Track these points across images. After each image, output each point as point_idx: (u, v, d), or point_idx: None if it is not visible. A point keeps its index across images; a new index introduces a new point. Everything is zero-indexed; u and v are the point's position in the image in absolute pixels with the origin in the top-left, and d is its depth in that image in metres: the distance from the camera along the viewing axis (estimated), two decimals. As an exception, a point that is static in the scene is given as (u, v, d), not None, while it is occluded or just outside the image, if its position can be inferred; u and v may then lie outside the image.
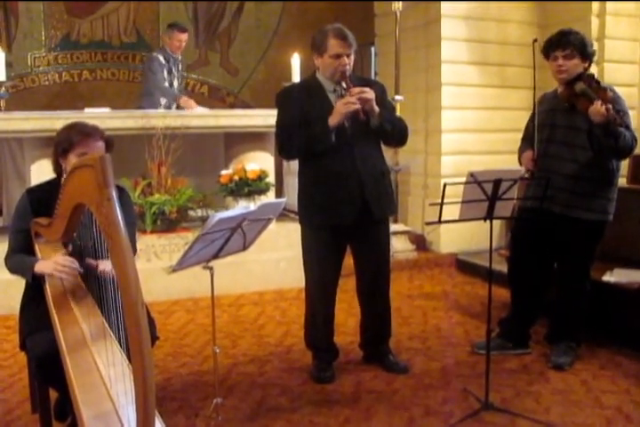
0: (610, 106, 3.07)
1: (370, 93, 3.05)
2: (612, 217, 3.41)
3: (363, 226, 3.23)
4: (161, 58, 5.80)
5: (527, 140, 3.57)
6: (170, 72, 5.88)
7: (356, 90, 3.04)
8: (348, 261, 3.38)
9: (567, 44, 3.30)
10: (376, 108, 3.07)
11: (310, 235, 3.31)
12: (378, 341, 3.50)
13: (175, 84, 5.97)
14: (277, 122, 3.26)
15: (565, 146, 3.36)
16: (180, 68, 6.04)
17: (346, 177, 3.15)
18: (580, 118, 3.23)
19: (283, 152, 3.29)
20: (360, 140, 3.17)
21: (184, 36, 5.85)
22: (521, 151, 3.59)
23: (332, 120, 3.06)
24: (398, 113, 4.80)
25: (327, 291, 3.33)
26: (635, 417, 2.87)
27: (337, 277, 3.35)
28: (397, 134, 3.25)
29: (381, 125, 3.12)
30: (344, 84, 3.09)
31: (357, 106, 3.01)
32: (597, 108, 3.09)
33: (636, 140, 3.26)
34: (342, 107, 3.04)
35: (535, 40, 3.39)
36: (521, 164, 3.53)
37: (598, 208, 3.35)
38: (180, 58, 6.05)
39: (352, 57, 3.13)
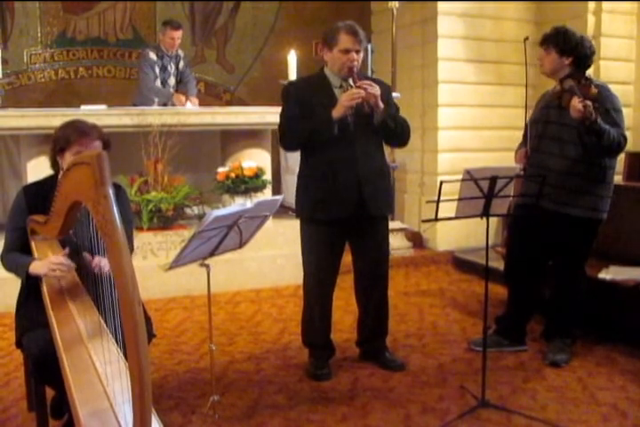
0: (589, 102, 3.05)
1: (376, 88, 3.06)
2: (605, 215, 3.39)
3: (361, 223, 3.24)
4: (151, 54, 5.75)
5: (524, 138, 3.58)
6: (165, 69, 5.85)
7: (364, 82, 3.05)
8: (347, 259, 3.38)
9: (544, 41, 3.39)
10: (381, 105, 3.08)
11: (309, 231, 3.30)
12: (375, 338, 3.50)
13: (172, 81, 5.93)
14: (281, 113, 3.26)
15: (556, 142, 3.37)
16: (180, 65, 5.99)
17: (345, 172, 3.15)
18: (570, 115, 3.23)
19: (284, 143, 3.29)
20: (362, 137, 3.18)
21: (177, 34, 5.80)
22: (518, 149, 3.61)
23: (336, 112, 3.07)
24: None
25: (325, 288, 3.34)
26: (630, 414, 2.88)
27: (335, 274, 3.35)
28: (400, 133, 3.25)
29: (384, 122, 3.13)
30: (351, 81, 3.10)
31: (362, 94, 3.00)
32: (574, 104, 3.09)
33: (625, 139, 3.24)
34: (346, 99, 3.05)
35: (527, 38, 3.44)
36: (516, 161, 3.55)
37: (588, 205, 3.33)
38: (182, 55, 6.02)
39: (361, 54, 3.13)
